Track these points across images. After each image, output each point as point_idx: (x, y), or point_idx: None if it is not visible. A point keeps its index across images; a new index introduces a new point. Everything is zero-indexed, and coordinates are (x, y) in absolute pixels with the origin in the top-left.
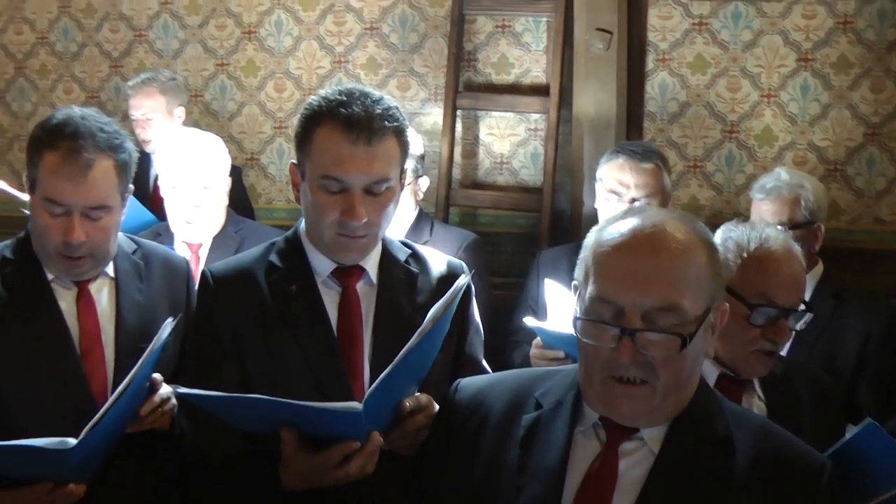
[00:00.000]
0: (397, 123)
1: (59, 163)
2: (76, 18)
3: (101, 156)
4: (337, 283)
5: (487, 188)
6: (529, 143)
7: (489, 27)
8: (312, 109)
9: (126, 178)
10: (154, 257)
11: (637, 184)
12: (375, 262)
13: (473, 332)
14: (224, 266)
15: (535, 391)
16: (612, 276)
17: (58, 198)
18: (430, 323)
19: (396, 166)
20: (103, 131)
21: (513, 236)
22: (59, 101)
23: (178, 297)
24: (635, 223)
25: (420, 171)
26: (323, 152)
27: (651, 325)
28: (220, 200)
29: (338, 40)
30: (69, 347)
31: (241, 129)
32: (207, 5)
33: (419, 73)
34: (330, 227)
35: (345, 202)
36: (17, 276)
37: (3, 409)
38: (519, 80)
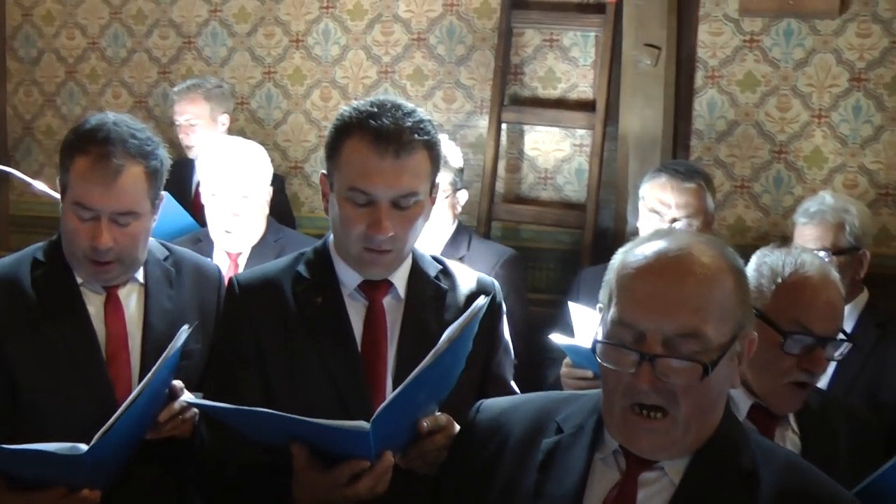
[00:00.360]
0: (428, 137)
1: (88, 167)
2: (127, 24)
3: (131, 162)
4: (364, 296)
5: (530, 203)
6: (574, 158)
7: (537, 41)
8: (343, 120)
9: (156, 185)
10: (186, 264)
11: (678, 203)
12: (404, 276)
13: (502, 352)
14: (251, 275)
15: (556, 415)
16: (634, 300)
17: (87, 202)
18: (445, 343)
19: (426, 180)
20: (135, 137)
21: (555, 253)
22: (107, 106)
23: (208, 304)
24: (661, 246)
25: (459, 184)
26: (351, 164)
27: (672, 351)
28: (261, 210)
29: (385, 50)
30: (95, 352)
31: (286, 137)
32: (256, 13)
33: (465, 86)
34: (356, 240)
35: (371, 215)
36: (48, 279)
37: (28, 411)
38: (565, 94)
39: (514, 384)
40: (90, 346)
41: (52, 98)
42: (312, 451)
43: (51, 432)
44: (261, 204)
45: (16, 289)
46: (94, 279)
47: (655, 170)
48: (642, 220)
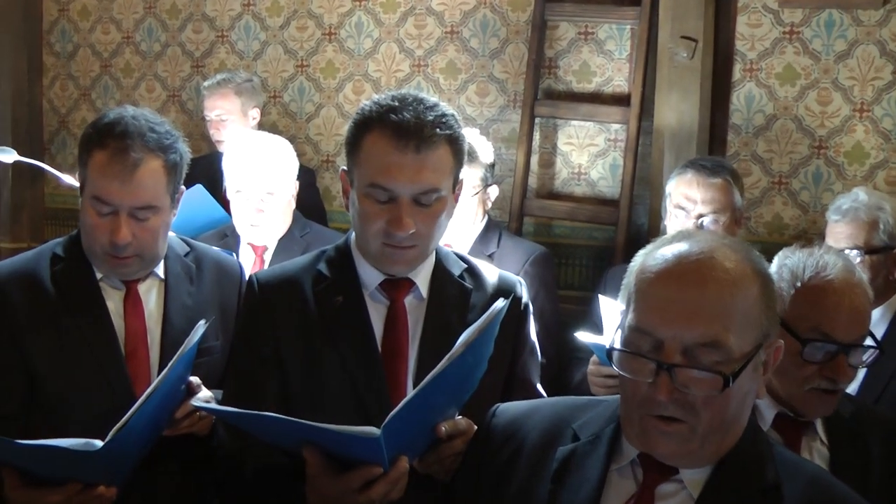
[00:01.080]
0: (450, 131)
1: (106, 161)
2: (161, 19)
3: (149, 156)
4: (385, 295)
5: (564, 199)
6: (608, 153)
7: (571, 33)
8: (363, 115)
9: (176, 178)
10: (207, 260)
11: (704, 199)
12: (427, 275)
13: (528, 354)
14: (271, 273)
15: (573, 421)
16: (653, 306)
17: (105, 197)
18: (461, 347)
19: (449, 176)
20: (154, 131)
21: (588, 249)
22: (141, 100)
23: (229, 301)
24: (682, 249)
25: (489, 180)
26: (371, 159)
27: (692, 361)
28: (286, 204)
29: (417, 43)
30: (114, 347)
31: (319, 130)
32: (289, 6)
33: (498, 79)
34: (376, 236)
35: (391, 212)
36: (67, 274)
37: (47, 407)
38: (600, 88)
39: (540, 387)
40: (109, 341)
41: (87, 92)
42: (326, 456)
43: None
44: (286, 199)
45: (35, 284)
46: (113, 274)
47: (682, 166)
48: (668, 217)
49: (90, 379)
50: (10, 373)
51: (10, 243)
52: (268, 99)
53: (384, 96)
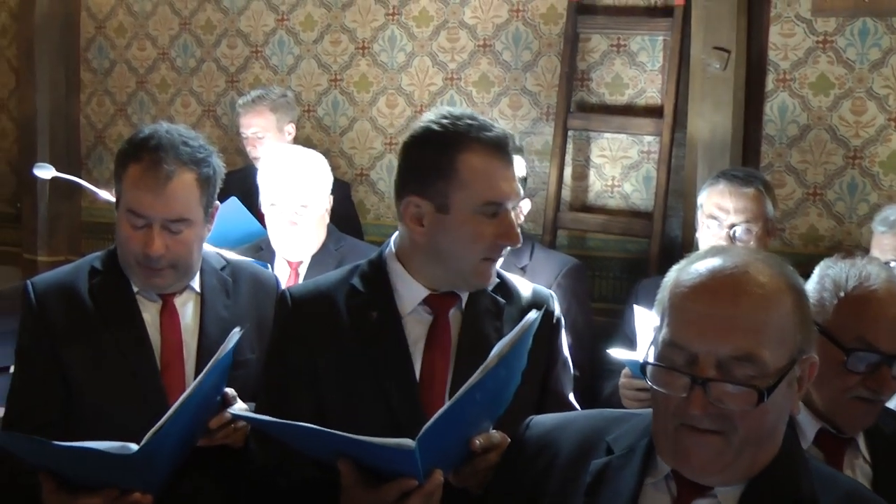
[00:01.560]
0: (518, 145)
1: (140, 174)
2: (196, 35)
3: (182, 168)
4: (428, 310)
5: (597, 211)
6: (642, 165)
7: (604, 46)
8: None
9: (209, 192)
10: (243, 274)
11: (736, 208)
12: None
13: (560, 367)
14: (304, 288)
15: (607, 434)
16: (687, 321)
17: (138, 209)
18: (494, 359)
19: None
20: (187, 145)
21: (621, 261)
22: (176, 115)
23: (265, 314)
24: (715, 263)
25: (522, 193)
26: (479, 179)
27: (726, 375)
28: (320, 218)
29: (451, 57)
30: (150, 360)
31: (352, 144)
32: (322, 21)
33: (531, 92)
34: (480, 253)
35: (500, 225)
36: (104, 288)
37: (83, 418)
38: (633, 100)
39: (573, 399)
40: (145, 353)
41: (124, 107)
42: (360, 468)
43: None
44: (320, 213)
45: (73, 297)
46: (148, 286)
47: (713, 177)
48: (700, 229)
49: (126, 391)
50: (50, 383)
51: (47, 256)
52: (302, 113)
53: (446, 115)
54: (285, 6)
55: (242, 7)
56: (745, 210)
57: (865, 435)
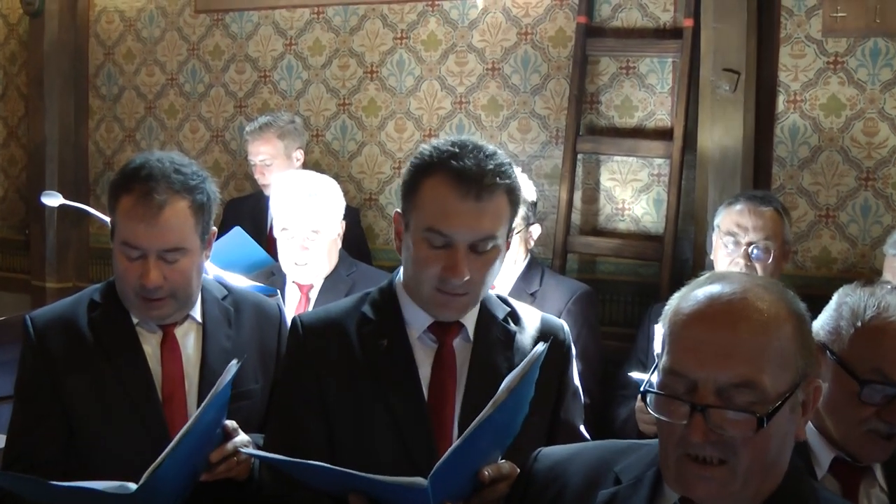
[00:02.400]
0: (509, 181)
1: (132, 206)
2: (204, 60)
3: (174, 197)
4: (433, 338)
5: (607, 235)
6: (652, 188)
7: (613, 68)
8: (423, 158)
9: (204, 219)
10: (245, 304)
11: (755, 226)
12: (474, 318)
13: (571, 398)
14: (314, 315)
15: (615, 465)
16: (686, 348)
17: (132, 241)
18: (504, 392)
19: (505, 224)
20: (179, 172)
21: (633, 285)
22: (185, 141)
23: (268, 344)
24: (714, 290)
25: (531, 218)
26: (430, 204)
27: (726, 402)
28: (332, 243)
29: (459, 81)
30: (151, 392)
31: (361, 168)
32: (331, 46)
33: (540, 115)
34: (429, 281)
35: (448, 258)
36: (104, 320)
37: (85, 451)
38: (642, 123)
39: (584, 429)
40: (146, 386)
41: (132, 133)
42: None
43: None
44: (332, 238)
45: (73, 330)
46: (147, 317)
47: (731, 199)
48: (716, 249)
49: (127, 424)
50: (50, 418)
51: (56, 283)
52: (310, 138)
53: (443, 141)
54: (293, 31)
55: (250, 32)
56: (764, 228)
57: (882, 463)
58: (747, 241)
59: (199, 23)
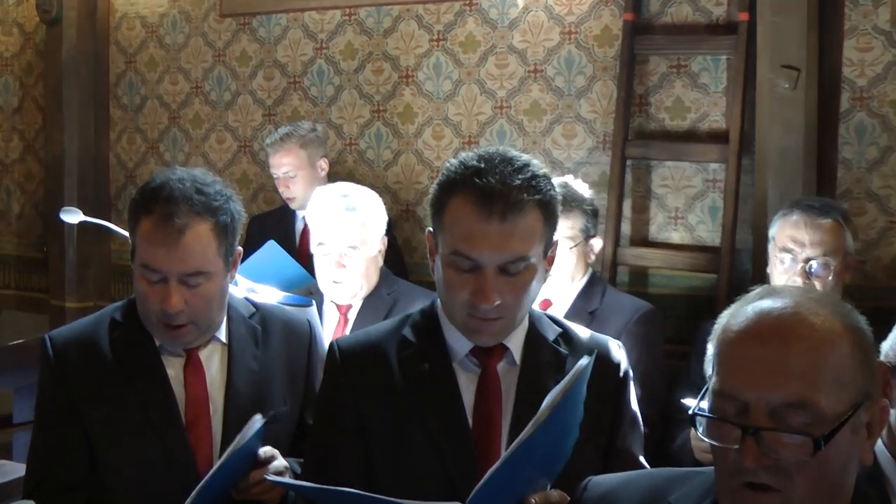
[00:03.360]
0: (540, 195)
1: (152, 229)
2: (230, 67)
3: (195, 220)
4: (476, 362)
5: (660, 246)
6: (707, 195)
7: (663, 68)
8: (447, 176)
9: (228, 241)
10: (274, 321)
11: (813, 241)
12: (520, 340)
13: (628, 425)
14: (353, 339)
15: (669, 494)
16: (736, 368)
17: (152, 264)
18: (545, 411)
19: (539, 243)
20: (201, 193)
21: (687, 300)
22: (211, 152)
23: (297, 362)
24: (764, 305)
25: (591, 230)
26: (454, 226)
27: (779, 423)
28: (372, 261)
29: (499, 84)
30: (175, 416)
31: (397, 178)
32: (363, 49)
33: (586, 119)
34: (461, 306)
35: (476, 282)
36: (126, 341)
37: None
38: (696, 125)
39: (643, 459)
40: (169, 410)
41: (155, 145)
42: None
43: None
44: (372, 254)
45: (94, 350)
46: (169, 343)
47: (786, 207)
48: (772, 264)
49: (151, 449)
50: (73, 441)
51: (76, 302)
52: (343, 146)
53: (470, 155)
54: (324, 34)
55: (279, 36)
56: (823, 243)
57: None
58: (804, 258)
59: (225, 27)
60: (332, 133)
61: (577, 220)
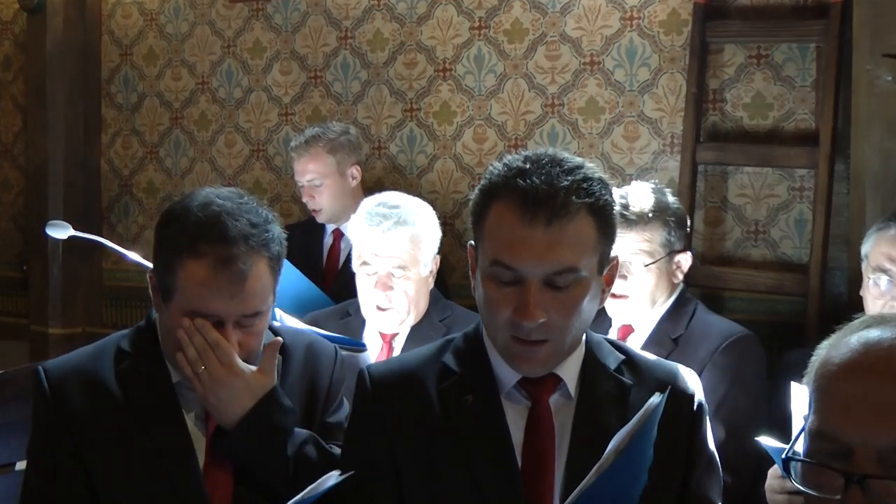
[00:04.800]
0: (592, 199)
1: (208, 276)
2: (242, 59)
3: (255, 258)
4: (524, 395)
5: (738, 264)
6: (793, 206)
7: (740, 58)
8: (489, 180)
9: (279, 270)
10: (295, 346)
11: None
12: (575, 369)
13: (704, 467)
14: (385, 366)
15: None
16: (838, 406)
17: (206, 311)
18: (611, 456)
19: (590, 254)
20: (253, 225)
21: (770, 327)
22: (219, 157)
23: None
24: (872, 335)
25: (677, 243)
26: (495, 233)
27: (890, 470)
28: (423, 283)
29: (550, 78)
30: (190, 463)
31: (433, 187)
32: (394, 39)
33: (651, 119)
34: (502, 327)
35: (518, 297)
36: (136, 375)
37: None
38: (779, 124)
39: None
40: (186, 457)
41: (155, 149)
42: None
43: None
44: (423, 276)
45: (98, 386)
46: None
47: (882, 220)
48: (865, 286)
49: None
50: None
51: (61, 328)
52: (370, 150)
53: (515, 157)
54: (349, 21)
55: (297, 24)
56: None
57: None
58: None
59: (236, 14)
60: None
61: (655, 232)
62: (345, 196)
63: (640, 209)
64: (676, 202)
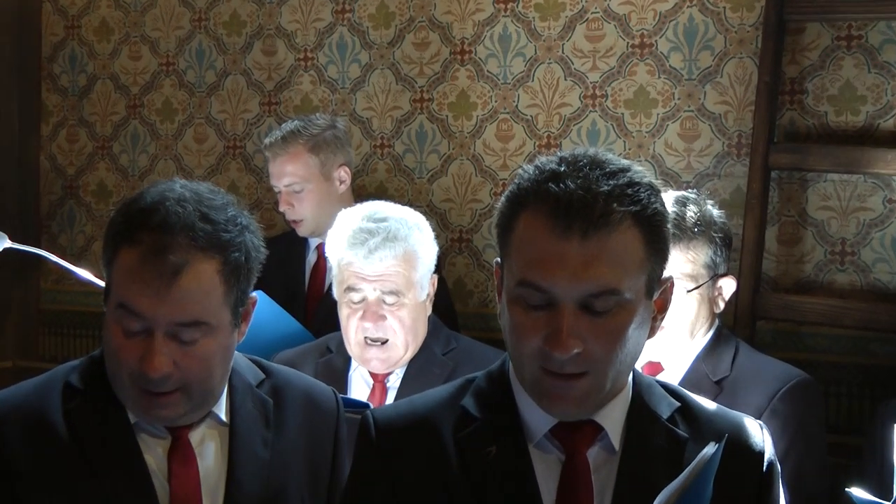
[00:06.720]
0: (638, 207)
1: (136, 265)
2: (216, 35)
3: (196, 256)
4: (558, 446)
5: (819, 293)
6: (889, 221)
7: (825, 40)
8: (518, 185)
9: (240, 285)
10: (291, 391)
11: None
12: (620, 417)
13: None
14: (393, 410)
15: None
16: None
17: (134, 306)
18: None
19: (637, 273)
20: (208, 220)
21: (860, 370)
22: (186, 154)
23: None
24: None
25: (721, 266)
26: (524, 247)
27: None
28: (419, 309)
29: (591, 64)
30: None
31: (446, 195)
32: (401, 13)
33: (713, 113)
34: (531, 359)
35: (550, 323)
36: (87, 415)
37: None
38: (873, 122)
39: None
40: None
41: (107, 144)
42: None
43: None
44: (419, 301)
45: (42, 428)
46: (149, 417)
47: None
48: None
49: None
50: None
51: None
52: (371, 149)
53: (549, 159)
54: None
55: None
56: None
57: None
58: None
59: None
60: (357, 130)
61: (700, 251)
62: (331, 204)
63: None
64: (722, 216)
